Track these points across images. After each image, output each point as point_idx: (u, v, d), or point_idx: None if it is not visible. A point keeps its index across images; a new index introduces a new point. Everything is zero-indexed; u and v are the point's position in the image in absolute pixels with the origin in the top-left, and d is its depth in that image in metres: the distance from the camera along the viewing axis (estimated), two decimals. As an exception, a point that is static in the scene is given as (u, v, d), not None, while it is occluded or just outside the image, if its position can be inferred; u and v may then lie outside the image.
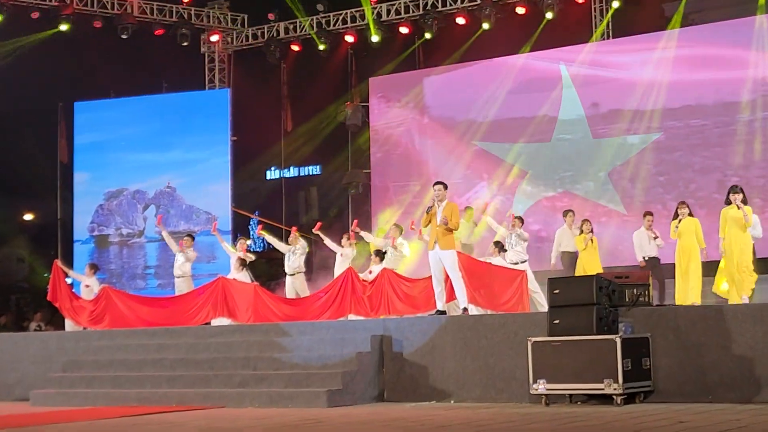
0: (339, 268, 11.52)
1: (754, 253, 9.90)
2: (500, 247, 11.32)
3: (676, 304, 9.73)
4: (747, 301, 9.32)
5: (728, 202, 9.81)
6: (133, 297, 12.06)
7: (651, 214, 11.67)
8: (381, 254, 11.43)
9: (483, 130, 16.04)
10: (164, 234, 12.84)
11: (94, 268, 13.00)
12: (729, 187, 10.03)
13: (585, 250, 11.43)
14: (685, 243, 10.24)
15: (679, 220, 10.24)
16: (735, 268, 9.57)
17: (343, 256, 11.79)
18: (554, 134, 15.45)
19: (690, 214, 10.34)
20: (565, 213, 12.23)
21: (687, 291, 9.95)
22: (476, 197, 15.41)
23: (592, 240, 11.53)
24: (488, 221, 12.07)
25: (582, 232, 11.55)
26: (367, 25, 17.03)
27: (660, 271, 11.16)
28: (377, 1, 16.84)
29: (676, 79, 14.47)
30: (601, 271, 10.81)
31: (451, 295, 9.56)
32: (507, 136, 15.82)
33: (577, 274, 11.12)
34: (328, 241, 12.07)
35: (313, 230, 12.39)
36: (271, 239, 12.58)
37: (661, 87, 14.57)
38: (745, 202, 9.75)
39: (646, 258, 11.28)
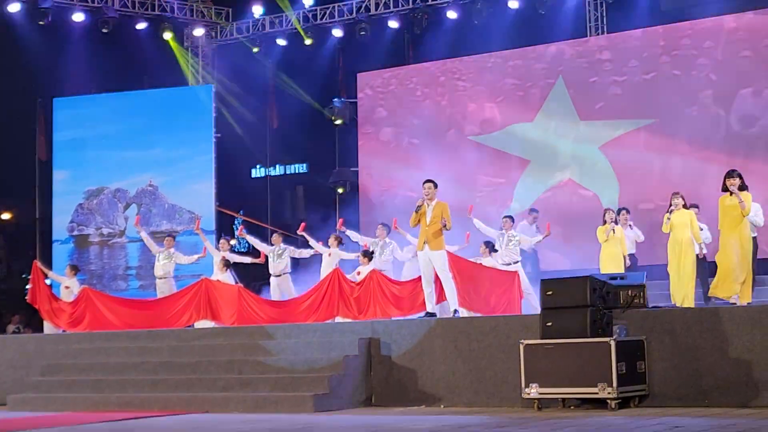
0: (326, 269, 11.35)
1: (755, 248, 9.04)
2: (491, 247, 11.18)
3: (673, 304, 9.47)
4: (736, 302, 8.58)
5: (725, 189, 8.80)
6: (114, 299, 11.85)
7: (696, 206, 10.50)
8: (369, 255, 11.27)
9: (476, 126, 15.91)
10: (143, 235, 12.64)
11: (75, 269, 12.79)
12: (725, 173, 8.98)
13: (607, 242, 10.52)
14: (678, 236, 9.53)
15: (671, 212, 9.55)
16: (730, 266, 8.60)
17: (331, 256, 11.62)
18: (548, 127, 15.34)
19: (685, 206, 9.60)
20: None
21: (682, 291, 9.35)
22: (472, 195, 15.30)
23: (614, 230, 10.54)
24: (475, 223, 11.91)
25: (605, 222, 10.60)
26: (355, 18, 16.84)
27: (704, 271, 10.39)
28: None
29: (672, 75, 14.39)
30: (621, 268, 10.13)
31: (441, 297, 9.40)
32: (501, 129, 15.69)
33: (602, 269, 10.26)
34: (313, 243, 11.89)
35: (297, 231, 12.22)
36: (253, 240, 12.41)
37: (657, 83, 14.49)
38: (743, 188, 8.71)
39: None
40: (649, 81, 14.56)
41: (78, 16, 16.94)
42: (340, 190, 17.41)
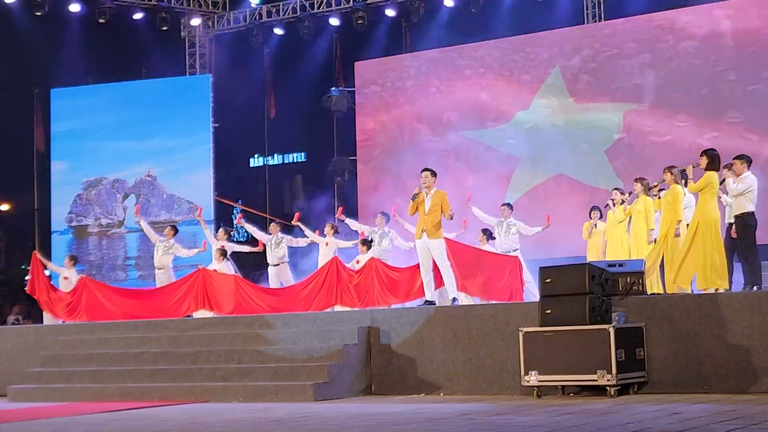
0: (323, 258, 11.34)
1: (732, 233, 8.47)
2: (488, 234, 11.18)
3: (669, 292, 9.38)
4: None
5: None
6: (112, 289, 11.83)
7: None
8: (368, 243, 11.26)
9: (473, 115, 15.89)
10: (143, 224, 12.61)
11: (74, 259, 12.78)
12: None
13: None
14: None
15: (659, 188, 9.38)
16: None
17: (328, 245, 11.62)
18: (542, 118, 15.34)
19: (676, 182, 8.99)
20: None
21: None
22: (470, 183, 15.31)
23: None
24: (474, 211, 11.91)
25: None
26: (352, 8, 16.78)
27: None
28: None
29: (669, 62, 14.40)
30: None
31: (439, 284, 9.40)
32: (496, 121, 15.68)
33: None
34: (309, 232, 11.89)
35: (292, 222, 12.21)
36: (251, 229, 12.40)
37: (654, 70, 14.49)
38: (714, 168, 8.24)
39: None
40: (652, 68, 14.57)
41: (74, 7, 16.86)
42: (338, 179, 17.40)
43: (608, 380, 7.09)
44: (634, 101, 14.65)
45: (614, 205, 10.25)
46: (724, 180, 8.82)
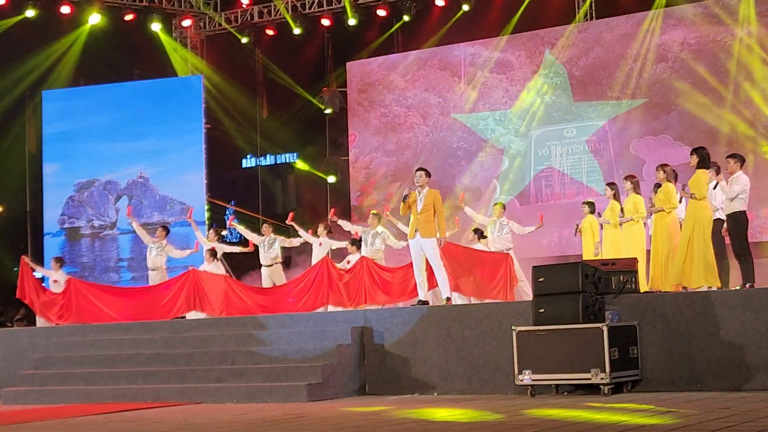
0: (317, 258, 11.35)
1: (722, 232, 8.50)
2: (479, 233, 11.19)
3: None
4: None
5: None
6: (101, 288, 11.81)
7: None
8: (357, 243, 11.26)
9: (466, 114, 15.90)
10: (135, 225, 12.59)
11: (60, 261, 12.75)
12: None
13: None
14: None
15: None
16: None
17: (321, 245, 11.62)
18: (535, 117, 15.36)
19: (668, 180, 8.94)
20: None
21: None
22: (461, 183, 15.33)
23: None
24: (467, 211, 11.91)
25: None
26: (344, 7, 16.77)
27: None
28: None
29: (660, 61, 14.44)
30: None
31: (432, 283, 9.40)
32: (489, 120, 15.71)
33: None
34: (302, 232, 11.89)
35: (286, 221, 12.21)
36: (243, 230, 12.39)
37: (644, 68, 14.53)
38: (704, 166, 8.29)
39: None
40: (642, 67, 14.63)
41: (65, 8, 16.79)
42: (331, 179, 17.39)
43: (602, 379, 7.11)
44: (628, 98, 14.68)
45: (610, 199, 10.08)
46: (717, 184, 8.82)
